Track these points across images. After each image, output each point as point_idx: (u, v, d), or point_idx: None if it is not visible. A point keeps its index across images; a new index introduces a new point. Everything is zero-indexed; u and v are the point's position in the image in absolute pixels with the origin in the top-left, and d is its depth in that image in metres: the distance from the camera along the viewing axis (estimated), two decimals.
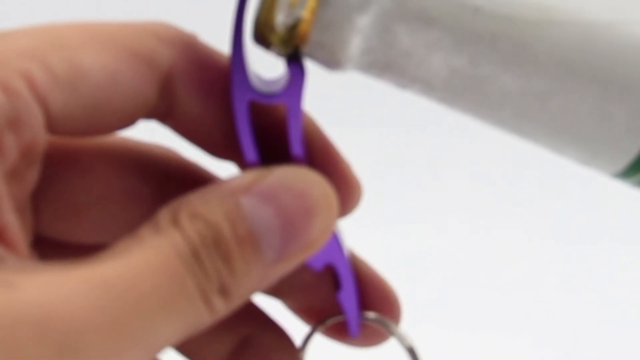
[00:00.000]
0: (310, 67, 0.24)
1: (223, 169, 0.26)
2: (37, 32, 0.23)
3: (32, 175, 0.23)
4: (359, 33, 0.22)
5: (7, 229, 0.21)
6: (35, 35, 0.23)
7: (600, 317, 0.62)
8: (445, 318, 0.60)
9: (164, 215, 0.22)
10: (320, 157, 0.26)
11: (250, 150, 0.24)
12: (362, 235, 0.32)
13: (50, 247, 0.26)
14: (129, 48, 0.23)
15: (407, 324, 0.28)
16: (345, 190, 0.26)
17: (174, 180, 0.26)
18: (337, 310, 0.27)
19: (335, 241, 0.26)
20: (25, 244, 0.22)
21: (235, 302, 0.22)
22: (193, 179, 0.26)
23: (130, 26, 0.24)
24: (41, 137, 0.22)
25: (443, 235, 0.67)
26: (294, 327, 0.28)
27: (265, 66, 0.25)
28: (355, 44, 0.22)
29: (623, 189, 0.25)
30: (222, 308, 0.22)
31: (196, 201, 0.22)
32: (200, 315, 0.21)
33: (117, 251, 0.21)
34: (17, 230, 0.22)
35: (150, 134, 0.27)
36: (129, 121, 0.24)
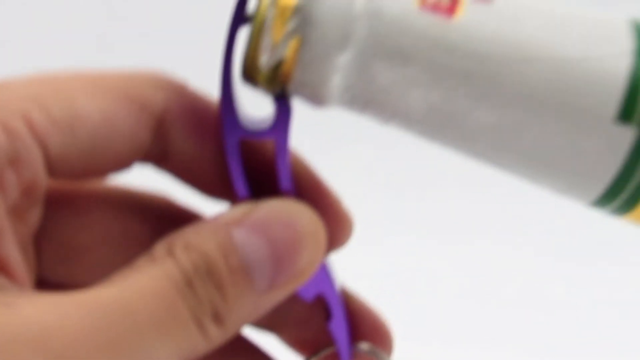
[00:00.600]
0: None
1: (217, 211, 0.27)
2: (37, 79, 0.24)
3: (34, 216, 0.24)
4: (340, 71, 0.23)
5: (9, 262, 0.23)
6: (35, 82, 0.24)
7: (597, 333, 0.62)
8: (442, 335, 0.60)
9: (159, 247, 0.23)
10: (311, 193, 0.27)
11: (241, 186, 0.25)
12: (359, 253, 0.32)
13: (51, 291, 0.27)
14: (124, 93, 0.25)
15: (403, 340, 0.29)
16: (337, 224, 0.27)
17: (169, 223, 0.27)
18: (330, 341, 0.28)
19: (324, 271, 0.27)
20: (29, 280, 0.23)
21: (229, 330, 0.23)
22: (187, 221, 0.27)
23: (124, 73, 0.25)
24: (41, 177, 0.24)
25: (440, 251, 0.66)
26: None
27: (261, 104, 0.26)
28: (336, 81, 0.23)
29: None
30: (216, 335, 0.23)
31: (190, 234, 0.23)
32: (195, 341, 0.22)
33: (113, 279, 0.22)
34: (21, 265, 0.23)
35: (145, 179, 0.28)
36: (125, 164, 0.25)
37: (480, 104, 0.23)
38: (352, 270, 0.30)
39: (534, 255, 0.67)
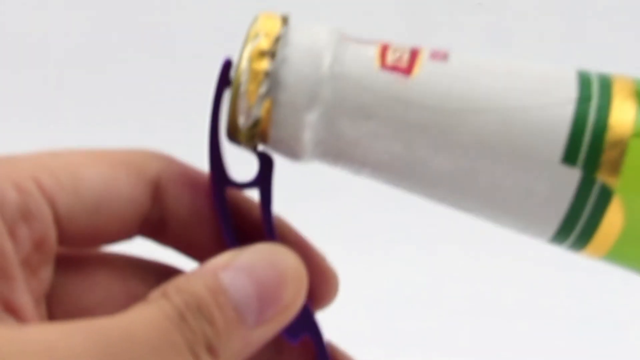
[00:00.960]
0: None
1: None
2: (45, 152, 0.28)
3: (46, 274, 0.27)
4: (309, 128, 0.26)
5: (23, 309, 0.25)
6: (43, 154, 0.27)
7: (599, 345, 0.61)
8: (443, 348, 0.60)
9: (153, 292, 0.26)
10: (296, 251, 0.28)
11: (228, 235, 0.28)
12: (360, 265, 0.33)
13: None
14: (122, 162, 0.28)
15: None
16: (322, 281, 0.29)
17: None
18: None
19: (309, 314, 0.29)
20: None
21: None
22: None
23: (122, 148, 0.29)
24: (51, 232, 0.26)
25: (441, 263, 0.66)
26: None
27: None
28: (308, 137, 0.26)
29: None
30: None
31: (181, 279, 0.26)
32: None
33: (112, 315, 0.25)
34: (33, 313, 0.26)
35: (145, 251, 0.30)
36: (127, 227, 0.28)
37: (438, 153, 0.26)
38: (354, 283, 0.31)
39: (534, 267, 0.67)
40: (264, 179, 0.28)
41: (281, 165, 0.28)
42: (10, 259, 0.25)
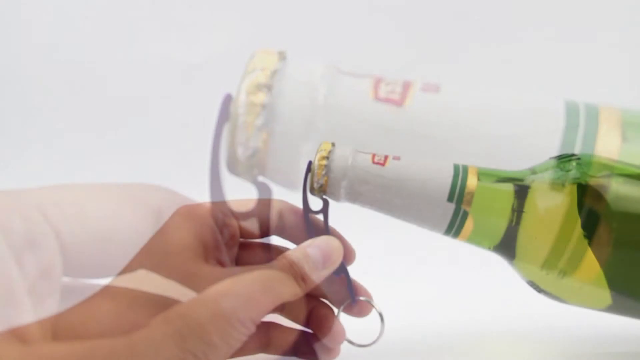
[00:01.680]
0: None
1: None
2: (52, 185, 0.29)
3: (53, 303, 0.27)
4: (305, 157, 0.27)
5: (29, 334, 0.26)
6: (49, 187, 0.28)
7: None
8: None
9: (156, 318, 0.27)
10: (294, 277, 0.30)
11: (229, 263, 0.29)
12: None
13: None
14: (125, 194, 0.29)
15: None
16: (320, 309, 0.30)
17: None
18: None
19: (307, 339, 0.29)
20: None
21: None
22: None
23: (125, 183, 0.30)
24: (57, 261, 0.27)
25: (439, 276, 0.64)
26: None
27: None
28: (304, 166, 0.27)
29: None
30: None
31: (183, 306, 0.27)
32: None
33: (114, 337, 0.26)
34: (40, 339, 0.26)
35: None
36: (131, 258, 0.29)
37: (428, 178, 0.26)
38: None
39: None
40: (262, 208, 0.28)
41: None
42: (16, 285, 0.26)
